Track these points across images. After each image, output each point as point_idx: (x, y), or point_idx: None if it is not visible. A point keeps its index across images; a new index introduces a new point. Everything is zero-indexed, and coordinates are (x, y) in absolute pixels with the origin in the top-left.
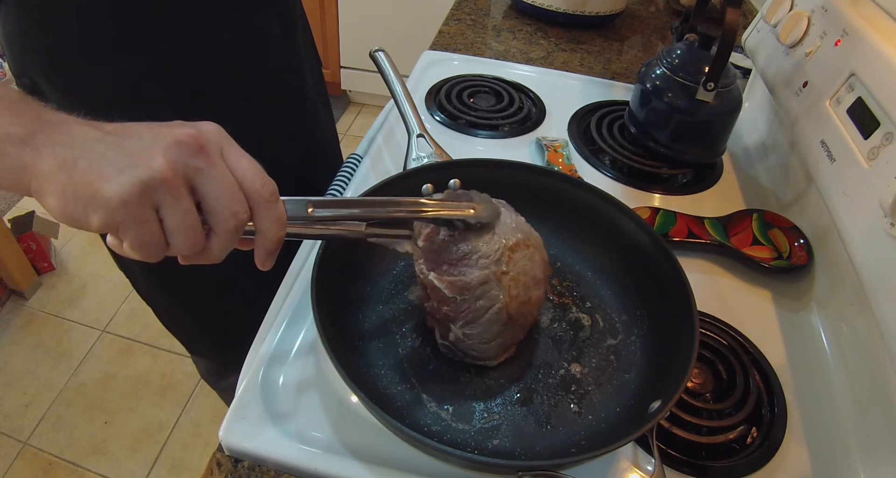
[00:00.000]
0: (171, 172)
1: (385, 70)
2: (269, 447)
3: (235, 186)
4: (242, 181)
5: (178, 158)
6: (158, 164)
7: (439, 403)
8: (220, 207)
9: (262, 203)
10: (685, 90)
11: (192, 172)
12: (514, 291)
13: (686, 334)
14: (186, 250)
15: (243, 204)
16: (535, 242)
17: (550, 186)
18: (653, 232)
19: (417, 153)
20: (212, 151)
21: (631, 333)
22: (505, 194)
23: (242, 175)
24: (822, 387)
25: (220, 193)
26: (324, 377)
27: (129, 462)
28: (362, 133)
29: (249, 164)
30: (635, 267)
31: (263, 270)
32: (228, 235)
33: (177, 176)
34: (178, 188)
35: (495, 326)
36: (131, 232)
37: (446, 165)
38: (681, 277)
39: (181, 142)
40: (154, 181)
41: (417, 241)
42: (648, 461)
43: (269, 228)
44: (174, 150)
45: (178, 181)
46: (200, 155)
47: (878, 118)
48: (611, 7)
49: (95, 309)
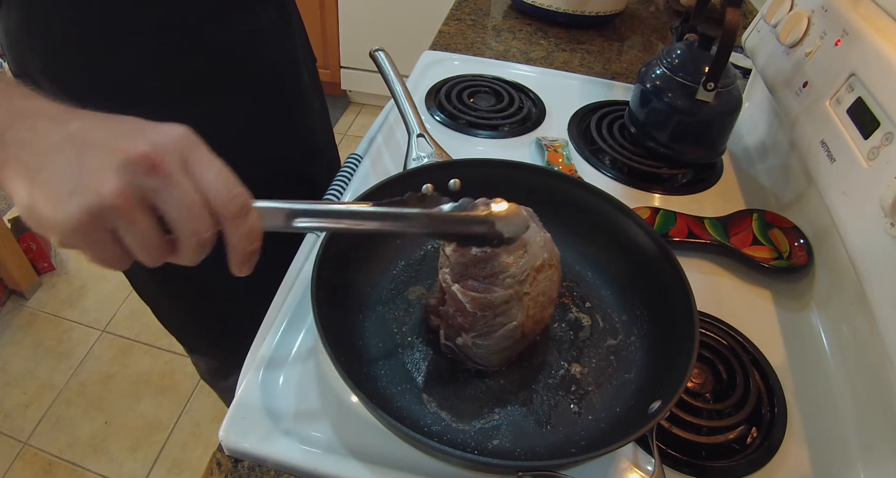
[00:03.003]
0: (121, 197)
1: (385, 70)
2: (268, 447)
3: (197, 203)
4: (207, 195)
5: (131, 181)
6: (108, 189)
7: (439, 403)
8: (181, 225)
9: (229, 218)
10: (685, 90)
11: (149, 193)
12: (532, 310)
13: (686, 335)
14: (151, 264)
15: (205, 222)
16: (557, 260)
17: (551, 186)
18: (653, 232)
19: (417, 153)
20: (169, 169)
21: (631, 333)
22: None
23: (207, 188)
24: (822, 387)
25: (179, 214)
26: (324, 377)
27: (129, 462)
28: (362, 133)
29: (217, 175)
30: (635, 267)
31: (239, 275)
32: (194, 250)
33: (128, 201)
34: (131, 212)
35: (506, 341)
36: (88, 252)
37: (446, 165)
38: (681, 278)
39: (134, 162)
40: (103, 209)
41: (446, 248)
42: (648, 461)
43: (236, 243)
44: (127, 172)
45: (131, 205)
46: (156, 174)
47: (878, 118)
48: (611, 7)
49: (95, 309)
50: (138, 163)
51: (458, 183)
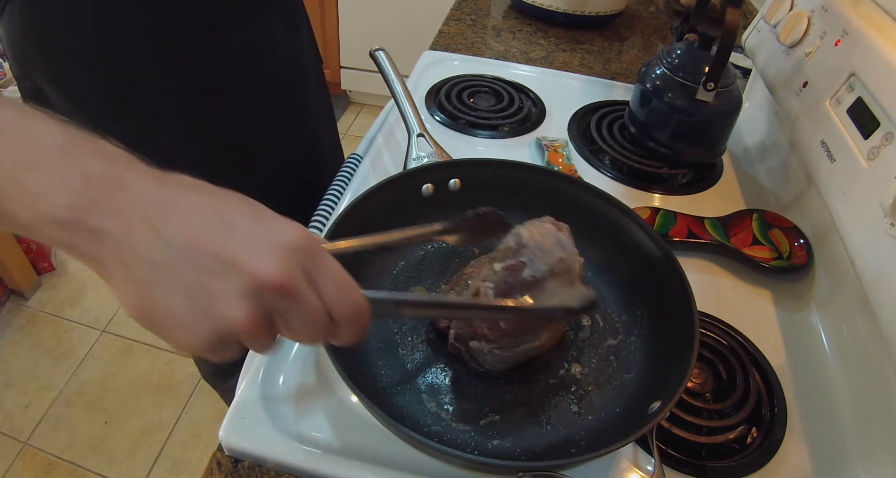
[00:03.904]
0: (250, 323)
1: (385, 69)
2: (269, 447)
3: (319, 314)
4: (328, 304)
5: (262, 304)
6: (240, 318)
7: (439, 403)
8: (302, 334)
9: (345, 324)
10: (685, 90)
11: (275, 311)
12: (554, 331)
13: (686, 335)
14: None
15: (324, 330)
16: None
17: (550, 185)
18: (653, 232)
19: (417, 153)
20: (299, 289)
21: (631, 333)
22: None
23: (329, 299)
24: (822, 387)
25: (304, 326)
26: (324, 377)
27: (129, 462)
28: (362, 133)
29: (335, 284)
30: (635, 267)
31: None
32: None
33: (258, 324)
34: (259, 332)
35: (523, 355)
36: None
37: (446, 165)
38: (681, 278)
39: (264, 288)
40: (234, 332)
41: (496, 265)
42: (648, 461)
43: (343, 338)
44: (257, 297)
45: (260, 326)
46: (284, 296)
47: (878, 118)
48: (611, 7)
49: (95, 309)
50: (268, 288)
51: (458, 183)
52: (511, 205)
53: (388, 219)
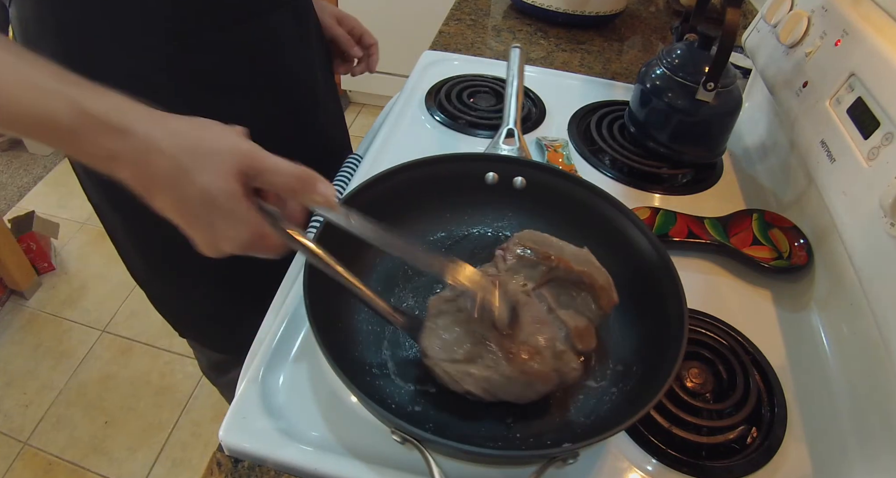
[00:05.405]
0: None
1: (516, 64)
2: (269, 447)
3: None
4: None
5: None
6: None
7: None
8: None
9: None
10: (685, 90)
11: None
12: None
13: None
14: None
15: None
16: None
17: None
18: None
19: (501, 145)
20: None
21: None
22: (561, 209)
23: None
24: (822, 387)
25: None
26: (324, 377)
27: (129, 462)
28: (362, 133)
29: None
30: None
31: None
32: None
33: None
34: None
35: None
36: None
37: (517, 161)
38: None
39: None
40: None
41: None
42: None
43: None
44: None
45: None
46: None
47: (878, 118)
48: (611, 7)
49: (95, 309)
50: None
51: (523, 182)
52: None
53: (444, 190)
